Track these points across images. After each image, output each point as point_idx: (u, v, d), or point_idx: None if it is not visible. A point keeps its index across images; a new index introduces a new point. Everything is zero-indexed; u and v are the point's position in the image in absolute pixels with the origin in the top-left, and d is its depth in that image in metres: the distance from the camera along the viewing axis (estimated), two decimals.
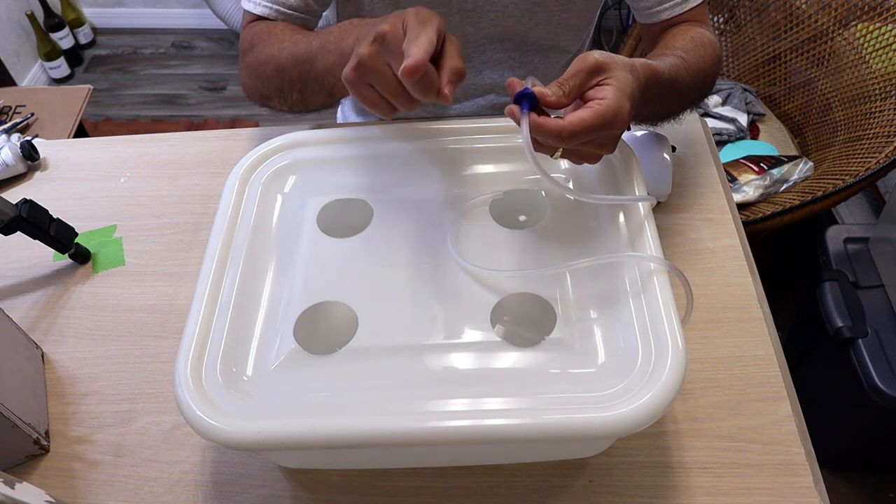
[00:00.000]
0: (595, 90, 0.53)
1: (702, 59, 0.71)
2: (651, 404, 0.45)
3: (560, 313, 0.54)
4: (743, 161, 1.45)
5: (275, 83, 0.73)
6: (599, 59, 0.53)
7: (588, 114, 0.51)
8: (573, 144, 0.52)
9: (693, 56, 0.69)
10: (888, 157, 1.24)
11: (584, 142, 0.52)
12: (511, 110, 0.52)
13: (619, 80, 0.53)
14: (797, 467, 0.57)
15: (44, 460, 0.63)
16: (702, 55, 0.71)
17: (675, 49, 0.70)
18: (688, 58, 0.69)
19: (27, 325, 0.72)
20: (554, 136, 0.51)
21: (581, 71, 0.53)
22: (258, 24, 0.79)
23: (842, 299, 1.19)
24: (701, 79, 0.71)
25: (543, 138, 0.52)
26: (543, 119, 0.51)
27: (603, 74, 0.53)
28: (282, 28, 0.78)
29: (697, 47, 0.71)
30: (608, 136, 0.53)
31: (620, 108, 0.52)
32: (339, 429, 0.46)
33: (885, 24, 1.38)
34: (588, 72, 0.53)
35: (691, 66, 0.68)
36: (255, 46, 0.77)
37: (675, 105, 0.72)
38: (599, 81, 0.53)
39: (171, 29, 2.66)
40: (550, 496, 0.58)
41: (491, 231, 0.60)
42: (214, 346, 0.52)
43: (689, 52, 0.70)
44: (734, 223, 0.75)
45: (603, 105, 0.51)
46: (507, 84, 0.53)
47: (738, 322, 0.66)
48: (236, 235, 0.59)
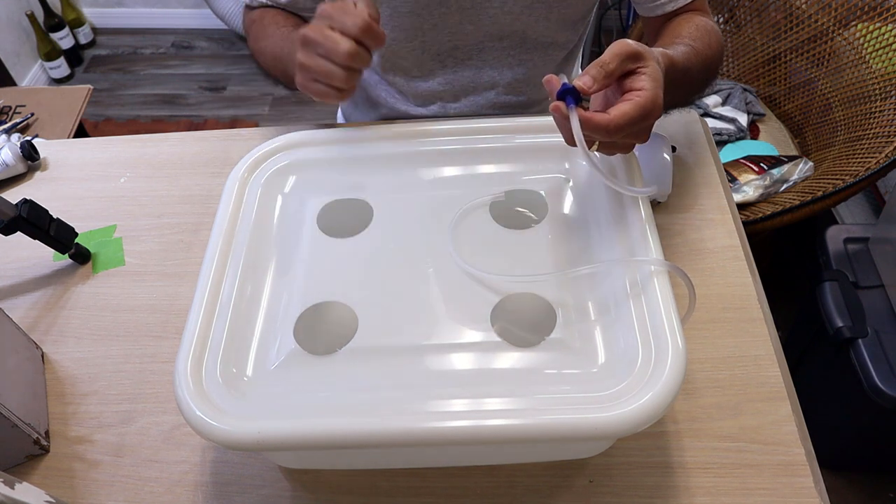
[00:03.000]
0: (632, 80, 0.54)
1: (708, 47, 0.72)
2: (651, 404, 0.45)
3: (560, 313, 0.54)
4: (743, 161, 1.45)
5: (273, 73, 0.83)
6: (637, 47, 0.54)
7: (630, 107, 0.52)
8: (617, 137, 0.54)
9: (700, 44, 0.71)
10: (888, 157, 1.24)
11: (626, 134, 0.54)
12: (557, 107, 0.53)
13: (654, 70, 0.54)
14: (797, 467, 0.57)
15: (44, 460, 0.63)
16: (708, 43, 0.72)
17: (683, 38, 0.71)
18: (696, 46, 0.70)
19: (27, 325, 0.72)
20: (601, 130, 0.52)
21: (619, 55, 0.53)
22: (254, 12, 0.88)
23: (842, 299, 1.19)
24: (708, 65, 0.72)
25: (590, 133, 0.53)
26: (591, 114, 0.52)
27: (640, 62, 0.54)
28: (269, 19, 0.85)
29: (703, 35, 0.73)
30: (645, 126, 0.55)
31: (657, 99, 0.53)
32: (339, 429, 0.46)
33: (885, 24, 1.38)
34: (627, 57, 0.53)
35: (700, 53, 0.70)
36: (249, 33, 0.88)
37: (686, 93, 0.73)
38: (636, 69, 0.54)
39: (171, 29, 2.66)
40: (550, 496, 0.58)
41: (491, 231, 0.60)
42: (214, 346, 0.52)
43: (696, 40, 0.71)
44: (734, 223, 0.75)
45: (642, 97, 0.52)
46: (545, 82, 0.54)
47: (738, 322, 0.66)
48: (236, 235, 0.59)
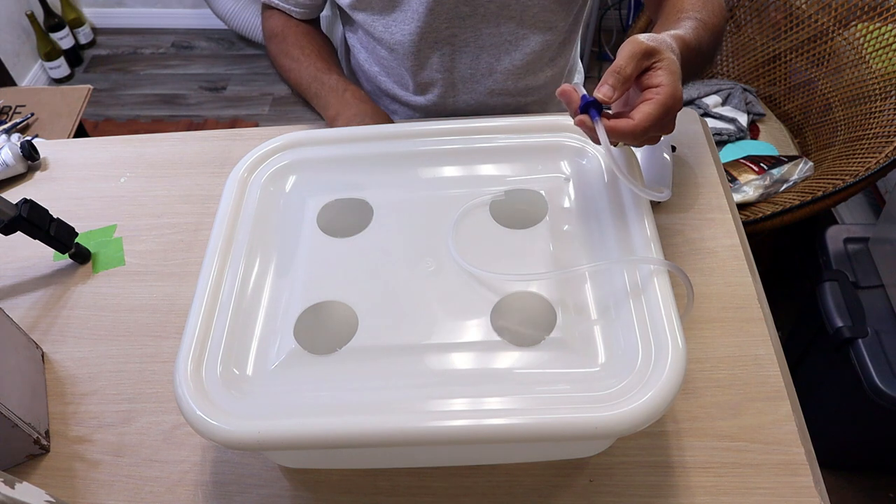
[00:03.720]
0: (649, 76, 0.54)
1: (714, 15, 0.71)
2: (651, 404, 0.45)
3: (560, 313, 0.54)
4: (743, 161, 1.45)
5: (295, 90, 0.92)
6: (650, 43, 0.54)
7: (652, 107, 0.52)
8: (644, 138, 0.54)
9: (705, 14, 0.70)
10: (888, 157, 1.24)
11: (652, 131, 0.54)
12: (582, 121, 0.53)
13: (669, 62, 0.54)
14: (797, 467, 0.57)
15: (44, 460, 0.63)
16: (712, 10, 0.72)
17: (687, 11, 0.71)
18: (702, 17, 0.69)
19: (27, 325, 0.72)
20: (628, 136, 0.53)
21: (634, 56, 0.53)
22: (273, 18, 0.95)
23: (842, 299, 1.19)
24: (716, 35, 0.72)
25: (617, 139, 0.54)
26: (615, 122, 0.53)
27: (654, 58, 0.54)
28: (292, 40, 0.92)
29: (706, 4, 0.72)
30: (669, 120, 0.55)
31: (676, 91, 0.53)
32: (339, 429, 0.46)
33: (885, 24, 1.38)
34: (641, 56, 0.54)
35: (707, 24, 0.69)
36: (270, 43, 0.95)
37: (700, 67, 0.73)
38: (651, 65, 0.54)
39: (171, 29, 2.66)
40: (550, 496, 0.58)
41: (491, 231, 0.60)
42: (214, 346, 0.52)
43: (700, 10, 0.71)
44: (734, 223, 0.75)
45: (662, 93, 0.53)
46: (560, 94, 0.55)
47: (738, 322, 0.66)
48: (236, 235, 0.59)
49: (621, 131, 0.53)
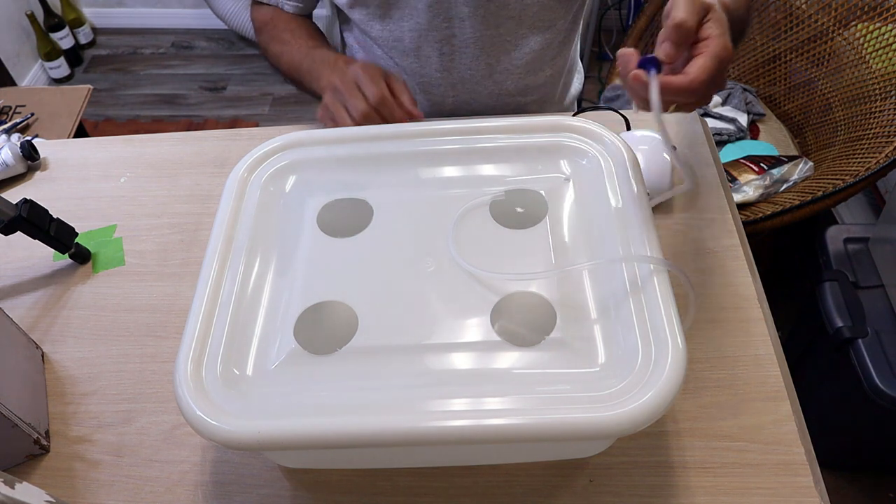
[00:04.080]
0: (700, 30, 0.52)
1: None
2: (651, 404, 0.45)
3: (560, 313, 0.54)
4: (743, 161, 1.45)
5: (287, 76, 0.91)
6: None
7: (707, 59, 0.50)
8: (699, 96, 0.52)
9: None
10: (888, 157, 1.24)
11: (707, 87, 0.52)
12: (637, 76, 0.50)
13: (718, 16, 0.52)
14: (797, 467, 0.57)
15: (44, 460, 0.63)
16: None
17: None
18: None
19: (27, 325, 0.72)
20: (684, 92, 0.50)
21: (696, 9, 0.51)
22: (262, 10, 0.95)
23: (842, 299, 1.19)
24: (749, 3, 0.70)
25: (672, 97, 0.51)
26: (670, 78, 0.50)
27: (708, 14, 0.52)
28: (283, 25, 0.91)
29: None
30: (721, 74, 0.53)
31: (727, 43, 0.51)
32: (339, 429, 0.46)
33: (885, 24, 1.38)
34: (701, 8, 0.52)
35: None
36: (261, 33, 0.95)
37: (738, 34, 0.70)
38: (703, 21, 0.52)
39: (171, 29, 2.66)
40: (550, 496, 0.58)
41: (491, 231, 0.60)
42: (214, 346, 0.52)
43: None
44: (734, 223, 0.75)
45: (714, 45, 0.51)
46: (620, 55, 0.53)
47: (738, 322, 0.66)
48: (236, 235, 0.59)
49: (677, 87, 0.50)
